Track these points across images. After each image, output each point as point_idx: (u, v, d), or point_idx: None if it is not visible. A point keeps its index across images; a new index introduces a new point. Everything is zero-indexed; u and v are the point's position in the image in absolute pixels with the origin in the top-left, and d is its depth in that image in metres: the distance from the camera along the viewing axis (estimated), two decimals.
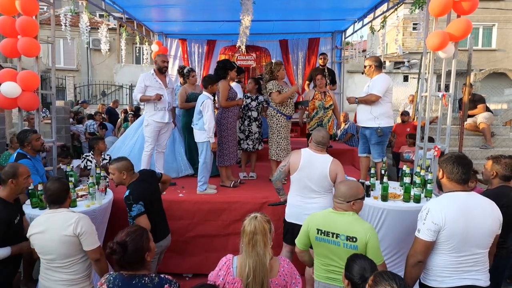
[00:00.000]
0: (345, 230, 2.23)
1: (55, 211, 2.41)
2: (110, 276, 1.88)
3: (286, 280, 1.99)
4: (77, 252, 2.37)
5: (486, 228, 2.09)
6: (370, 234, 2.19)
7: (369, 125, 4.13)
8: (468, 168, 2.17)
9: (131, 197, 2.81)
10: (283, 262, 2.06)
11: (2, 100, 3.61)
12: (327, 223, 2.30)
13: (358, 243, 2.19)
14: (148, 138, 4.41)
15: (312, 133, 3.22)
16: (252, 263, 1.92)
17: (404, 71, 13.94)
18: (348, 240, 2.22)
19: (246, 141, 4.82)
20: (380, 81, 4.05)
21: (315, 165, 3.03)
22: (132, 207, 2.78)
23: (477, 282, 2.09)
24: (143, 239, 1.92)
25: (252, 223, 1.97)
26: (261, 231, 1.96)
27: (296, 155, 3.14)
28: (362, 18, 6.76)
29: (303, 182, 3.06)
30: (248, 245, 1.95)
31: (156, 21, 7.28)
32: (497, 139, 7.07)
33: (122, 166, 2.91)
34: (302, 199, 3.10)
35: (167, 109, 4.43)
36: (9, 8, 3.59)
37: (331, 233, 2.27)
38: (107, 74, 16.79)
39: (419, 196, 3.23)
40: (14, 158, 3.51)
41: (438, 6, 3.44)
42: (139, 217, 2.81)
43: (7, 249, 2.60)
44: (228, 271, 1.99)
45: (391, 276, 1.60)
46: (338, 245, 2.25)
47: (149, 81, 4.33)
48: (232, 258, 2.06)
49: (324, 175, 3.00)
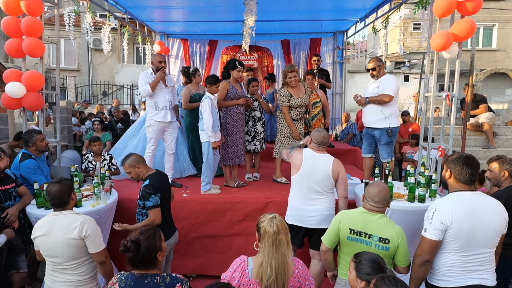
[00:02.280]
0: (378, 232, 2.27)
1: (60, 213, 2.38)
2: (121, 276, 1.89)
3: (301, 282, 1.97)
4: (83, 254, 2.36)
5: (493, 228, 2.10)
6: (401, 238, 2.24)
7: (380, 126, 4.08)
8: (476, 170, 2.18)
9: (151, 186, 2.84)
10: (297, 264, 2.04)
11: (7, 100, 3.62)
12: (360, 223, 2.33)
13: (390, 245, 2.23)
14: (150, 138, 4.40)
15: (311, 134, 3.25)
16: (276, 263, 1.89)
17: (405, 71, 13.96)
18: (380, 241, 2.25)
19: (253, 142, 4.83)
20: (390, 81, 4.04)
21: (317, 165, 3.06)
22: (150, 197, 2.81)
23: (484, 282, 2.10)
24: (156, 238, 1.93)
25: (273, 223, 1.94)
26: (283, 230, 1.95)
27: (298, 154, 3.16)
28: (364, 18, 6.78)
29: (305, 182, 3.08)
30: (272, 246, 1.91)
31: (158, 21, 7.28)
32: (499, 139, 7.08)
33: (133, 161, 2.96)
34: (304, 201, 3.11)
35: (169, 108, 4.41)
36: (14, 9, 3.59)
37: (364, 233, 2.30)
38: (108, 74, 16.80)
39: (423, 196, 3.24)
40: (19, 158, 3.52)
41: (442, 6, 3.44)
42: (154, 209, 2.84)
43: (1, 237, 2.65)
44: (243, 272, 1.95)
45: (393, 281, 1.60)
46: (370, 246, 2.28)
47: (150, 79, 4.31)
48: (247, 259, 2.02)
49: (327, 175, 3.04)
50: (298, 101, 4.43)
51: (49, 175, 3.75)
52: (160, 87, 4.36)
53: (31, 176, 3.45)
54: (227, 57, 7.75)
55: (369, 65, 4.18)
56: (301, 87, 4.53)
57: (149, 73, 4.35)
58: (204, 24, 7.17)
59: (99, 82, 16.28)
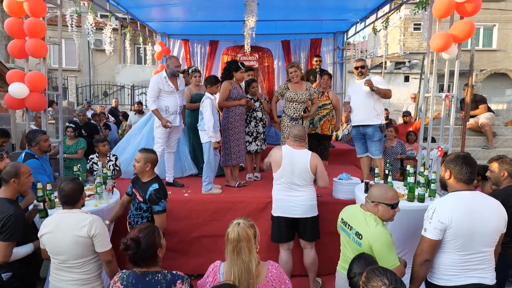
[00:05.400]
0: (357, 226, 2.32)
1: (69, 212, 2.41)
2: (123, 274, 1.91)
3: (275, 285, 1.93)
4: (90, 253, 2.38)
5: (492, 227, 2.12)
6: (376, 239, 2.18)
7: (373, 123, 4.21)
8: (474, 168, 2.20)
9: (161, 191, 2.88)
10: (271, 267, 1.99)
11: (10, 100, 3.65)
12: (349, 215, 2.45)
13: (363, 241, 2.24)
14: (158, 139, 4.42)
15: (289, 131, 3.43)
16: (238, 270, 1.86)
17: (405, 72, 13.97)
18: (356, 235, 2.30)
19: (254, 143, 4.86)
20: (381, 79, 4.26)
21: (296, 161, 3.24)
22: (160, 201, 2.85)
23: (483, 281, 2.12)
24: (155, 235, 1.96)
25: (235, 230, 1.89)
26: (245, 238, 1.88)
27: (277, 152, 3.32)
28: (364, 18, 6.80)
29: (286, 177, 3.27)
30: (232, 253, 1.89)
31: (159, 21, 7.30)
32: (499, 139, 7.11)
33: (150, 159, 3.00)
34: (288, 193, 3.30)
35: (178, 113, 4.44)
36: (17, 10, 3.62)
37: (348, 224, 2.40)
38: (109, 75, 16.81)
39: (423, 196, 3.27)
40: (22, 158, 3.54)
41: (441, 7, 3.47)
42: (162, 214, 2.87)
43: (29, 246, 2.62)
44: (215, 277, 1.95)
45: (382, 271, 1.65)
46: (349, 237, 2.37)
47: (162, 84, 4.29)
48: (219, 264, 2.02)
49: (305, 169, 3.23)
50: (292, 94, 4.47)
51: (52, 175, 3.78)
52: (172, 91, 4.35)
53: (34, 175, 3.45)
54: (228, 58, 7.76)
55: (357, 63, 4.33)
56: (302, 84, 4.57)
57: (162, 78, 4.30)
58: (204, 24, 7.19)
59: (100, 83, 16.31)
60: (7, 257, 2.47)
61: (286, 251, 3.39)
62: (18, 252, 2.55)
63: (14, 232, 2.47)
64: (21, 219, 2.58)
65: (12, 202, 2.67)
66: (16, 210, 2.58)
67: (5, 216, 2.47)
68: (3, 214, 2.48)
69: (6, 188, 2.69)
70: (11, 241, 2.47)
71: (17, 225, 2.49)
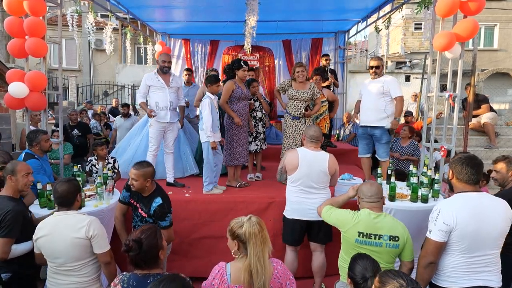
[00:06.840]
0: (388, 231, 2.30)
1: (65, 213, 2.36)
2: (124, 276, 1.89)
3: (281, 282, 1.95)
4: (88, 255, 2.34)
5: (498, 229, 2.09)
6: (407, 232, 2.33)
7: (381, 124, 4.11)
8: (478, 169, 2.17)
9: (166, 206, 2.75)
10: (276, 264, 2.01)
11: (10, 100, 3.62)
12: (367, 225, 2.34)
13: (400, 242, 2.28)
14: (151, 138, 4.41)
15: (305, 132, 3.36)
16: (253, 266, 1.84)
17: (406, 71, 13.95)
18: (391, 239, 2.28)
19: (254, 142, 4.84)
20: (395, 82, 4.13)
21: (314, 163, 3.17)
22: (166, 217, 2.74)
23: (489, 283, 2.09)
24: (157, 237, 1.94)
25: (248, 226, 1.88)
26: (265, 227, 1.93)
27: (292, 155, 3.24)
28: (366, 18, 6.77)
29: (303, 181, 3.18)
30: (260, 245, 1.88)
31: (159, 21, 7.29)
32: (501, 139, 7.08)
33: (148, 173, 2.75)
34: (304, 195, 3.22)
35: (169, 109, 4.39)
36: (17, 9, 3.60)
37: (374, 235, 2.31)
38: (109, 74, 16.80)
39: (426, 196, 3.24)
40: (22, 158, 3.52)
41: (445, 6, 3.44)
42: (170, 228, 2.77)
43: (29, 243, 2.57)
44: (222, 279, 1.92)
45: (396, 273, 1.63)
46: (380, 246, 2.30)
47: (151, 80, 4.32)
48: (225, 265, 1.98)
49: (324, 172, 3.17)
50: (294, 91, 4.46)
51: (52, 175, 3.76)
52: (162, 86, 4.35)
53: (34, 176, 3.43)
54: (229, 57, 7.75)
55: (373, 62, 4.18)
56: (306, 84, 4.54)
57: (152, 74, 4.35)
58: (205, 24, 7.17)
59: (100, 82, 16.29)
60: (6, 254, 2.44)
61: (293, 252, 3.35)
62: (17, 249, 2.52)
63: (12, 228, 2.43)
64: (20, 216, 2.55)
65: (13, 199, 2.65)
66: (16, 206, 2.55)
67: (3, 212, 2.45)
68: (1, 210, 2.46)
69: (6, 187, 2.69)
70: (10, 238, 2.44)
71: (15, 221, 2.46)
